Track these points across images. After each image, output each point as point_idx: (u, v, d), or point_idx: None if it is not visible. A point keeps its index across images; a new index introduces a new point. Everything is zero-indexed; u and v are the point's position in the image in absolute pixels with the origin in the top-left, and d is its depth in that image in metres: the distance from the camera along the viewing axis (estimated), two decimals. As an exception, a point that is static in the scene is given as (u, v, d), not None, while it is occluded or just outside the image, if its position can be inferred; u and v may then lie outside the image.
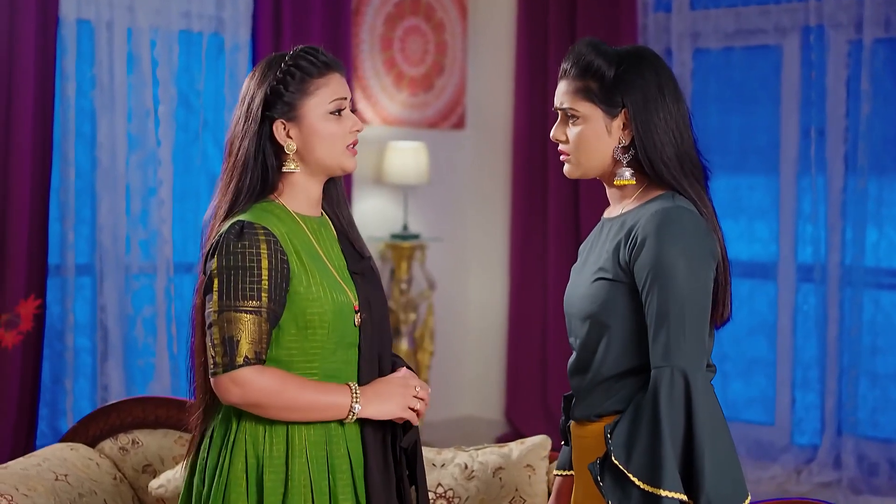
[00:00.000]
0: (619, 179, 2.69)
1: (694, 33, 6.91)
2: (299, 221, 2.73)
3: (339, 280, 2.72)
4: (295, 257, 2.65)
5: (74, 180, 5.87)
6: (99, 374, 6.02)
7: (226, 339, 2.57)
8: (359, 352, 2.74)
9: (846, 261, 6.45)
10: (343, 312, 2.69)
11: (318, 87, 2.70)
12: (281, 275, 2.61)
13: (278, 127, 2.70)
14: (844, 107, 6.45)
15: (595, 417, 2.68)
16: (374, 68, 7.24)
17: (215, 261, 2.61)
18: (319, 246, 2.75)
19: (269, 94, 2.69)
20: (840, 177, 6.47)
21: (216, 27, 6.36)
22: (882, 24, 6.30)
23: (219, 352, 2.58)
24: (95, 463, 3.58)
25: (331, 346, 2.68)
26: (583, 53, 2.69)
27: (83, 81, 5.92)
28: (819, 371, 6.57)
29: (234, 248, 2.59)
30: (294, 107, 2.69)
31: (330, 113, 2.70)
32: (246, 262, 2.58)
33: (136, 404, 3.74)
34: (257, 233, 2.60)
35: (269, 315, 2.59)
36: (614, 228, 2.68)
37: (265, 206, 2.70)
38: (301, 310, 2.64)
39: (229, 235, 2.61)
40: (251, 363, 2.57)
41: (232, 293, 2.58)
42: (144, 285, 6.15)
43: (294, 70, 2.70)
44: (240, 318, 2.57)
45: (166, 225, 6.15)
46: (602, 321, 2.63)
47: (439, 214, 7.63)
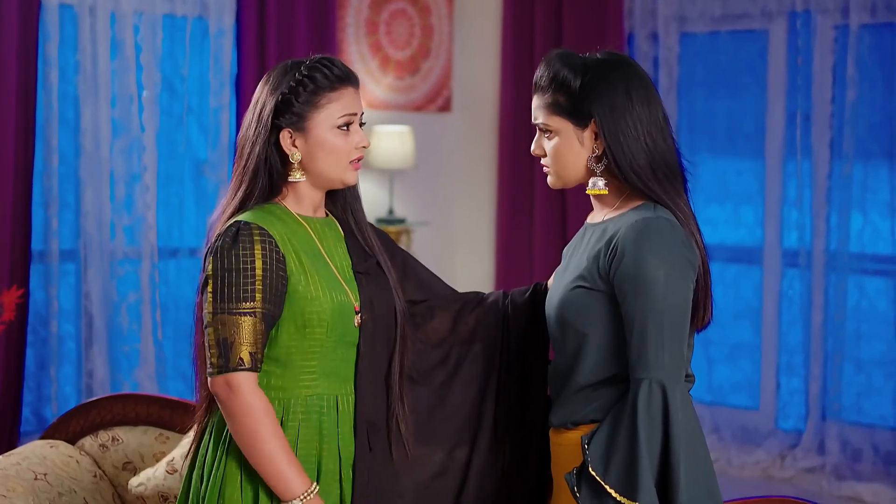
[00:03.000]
0: (592, 189, 2.69)
1: (680, 17, 6.89)
2: (302, 222, 2.75)
3: (341, 280, 2.74)
4: (293, 257, 2.67)
5: (58, 166, 5.84)
6: (84, 360, 6.00)
7: (220, 342, 2.59)
8: (357, 352, 2.75)
9: (831, 246, 6.45)
10: (343, 312, 2.70)
11: (329, 100, 2.70)
12: (276, 275, 2.63)
13: (285, 136, 2.72)
14: (830, 92, 6.44)
15: (571, 425, 2.69)
16: (360, 52, 7.21)
17: (210, 262, 2.63)
18: (322, 246, 2.77)
19: (279, 103, 2.71)
20: (826, 162, 6.46)
21: (200, 11, 6.32)
22: (868, 10, 6.29)
23: (214, 353, 2.60)
24: (75, 460, 3.58)
25: (330, 345, 2.70)
26: (550, 65, 2.69)
27: (66, 67, 5.89)
28: (804, 356, 6.59)
29: (228, 250, 2.61)
30: (303, 118, 2.71)
31: (338, 127, 2.71)
32: (240, 264, 2.60)
33: (117, 401, 3.74)
34: (252, 233, 2.62)
35: (264, 316, 2.60)
36: (595, 235, 2.69)
37: (268, 207, 2.73)
38: (300, 309, 2.65)
39: (225, 237, 2.63)
40: (247, 368, 2.59)
41: (226, 295, 2.59)
42: (129, 271, 6.13)
43: (307, 81, 2.70)
44: (234, 319, 2.58)
45: (151, 210, 6.13)
46: (579, 329, 2.63)
47: (425, 198, 7.62)
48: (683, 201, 2.68)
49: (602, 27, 6.98)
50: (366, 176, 7.26)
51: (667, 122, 2.70)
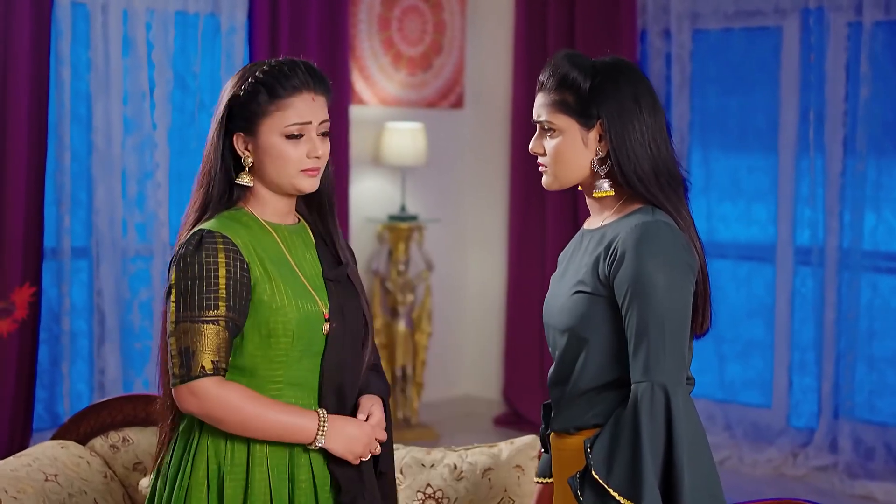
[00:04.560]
0: (598, 191, 2.68)
1: (693, 14, 6.87)
2: (269, 229, 2.70)
3: (309, 288, 2.69)
4: (258, 265, 2.63)
5: (70, 164, 5.86)
6: (96, 357, 6.03)
7: (182, 350, 2.54)
8: (322, 360, 2.70)
9: (844, 244, 6.44)
10: (310, 321, 2.66)
11: (278, 107, 2.64)
12: (240, 283, 2.59)
13: (238, 139, 2.67)
14: (844, 89, 6.43)
15: (574, 430, 2.68)
16: (372, 48, 7.21)
17: (174, 271, 2.59)
18: (290, 253, 2.71)
19: (233, 105, 2.66)
20: (839, 160, 6.45)
21: (212, 9, 6.33)
22: (882, 7, 6.27)
23: (176, 363, 2.56)
24: (86, 461, 3.58)
25: (296, 355, 2.66)
26: (559, 66, 2.68)
27: (78, 64, 5.90)
28: (816, 354, 6.57)
29: (191, 259, 2.57)
30: (252, 122, 2.65)
31: (286, 136, 2.65)
32: (203, 272, 2.56)
33: (127, 402, 3.74)
34: (216, 241, 2.58)
35: (227, 324, 2.57)
36: (594, 241, 2.68)
37: (232, 213, 2.68)
38: (264, 318, 2.62)
39: (188, 246, 2.59)
40: (208, 374, 2.55)
41: (189, 303, 2.55)
42: (141, 268, 6.15)
43: (258, 86, 2.65)
44: (197, 328, 2.54)
45: (162, 208, 6.14)
46: (581, 335, 2.62)
47: (437, 195, 7.61)
48: (684, 208, 2.68)
49: (615, 24, 6.97)
50: (378, 172, 7.26)
51: (669, 133, 2.71)
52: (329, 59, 6.77)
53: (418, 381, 7.34)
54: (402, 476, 3.47)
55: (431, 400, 7.55)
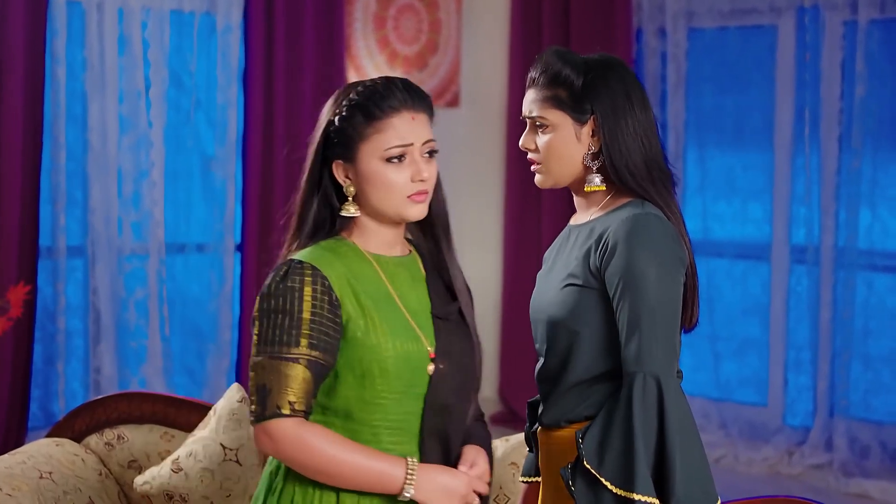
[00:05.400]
0: (590, 186, 2.69)
1: (688, 12, 6.87)
2: (370, 260, 2.53)
3: (413, 325, 2.50)
4: (352, 300, 2.45)
5: (65, 163, 5.85)
6: (91, 356, 6.02)
7: (259, 388, 2.39)
8: (424, 404, 2.50)
9: (839, 243, 6.44)
10: (410, 360, 2.46)
11: (376, 130, 2.47)
12: (327, 319, 2.41)
13: (338, 168, 2.52)
14: (839, 88, 6.43)
15: (565, 423, 2.69)
16: (368, 47, 7.21)
17: (258, 302, 2.44)
18: (393, 287, 2.53)
19: (329, 132, 2.51)
20: (834, 158, 6.45)
21: (208, 7, 6.32)
22: (877, 5, 6.26)
23: (253, 400, 2.41)
24: (81, 459, 3.58)
25: (394, 397, 2.47)
26: (551, 63, 2.71)
27: (74, 63, 5.90)
28: (811, 353, 6.57)
29: (275, 290, 2.41)
30: (350, 149, 2.49)
31: (387, 160, 2.48)
32: (286, 305, 2.39)
33: (122, 399, 3.74)
34: (303, 273, 2.41)
35: (309, 363, 2.39)
36: (582, 235, 2.69)
37: (329, 244, 2.52)
38: (357, 357, 2.44)
39: (275, 276, 2.43)
40: (284, 415, 2.37)
41: (269, 338, 2.39)
42: (136, 267, 6.14)
43: (353, 109, 2.49)
44: (275, 365, 2.38)
45: (158, 207, 6.14)
46: (572, 328, 2.63)
47: (433, 193, 7.59)
48: (673, 202, 2.71)
49: (610, 22, 6.97)
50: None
51: (658, 130, 2.74)
52: (324, 58, 6.77)
53: (414, 380, 7.32)
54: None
55: (427, 399, 7.54)
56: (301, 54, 6.65)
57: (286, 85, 6.59)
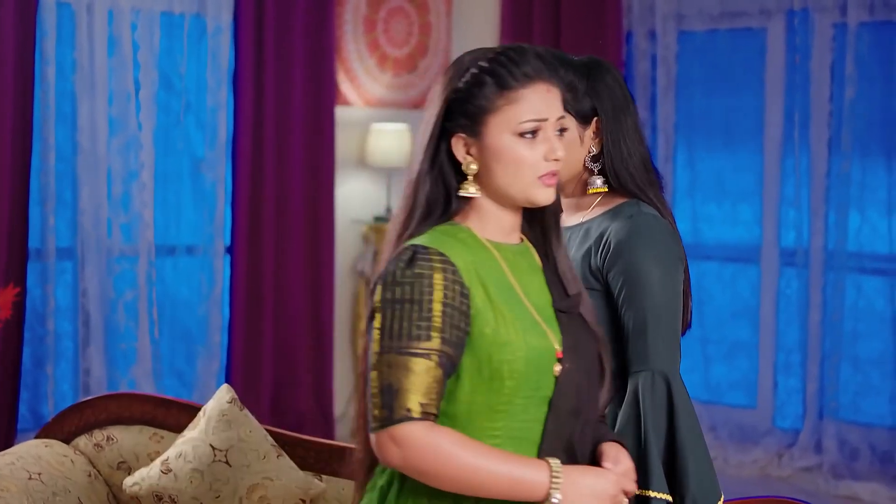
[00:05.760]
0: (592, 188, 2.72)
1: (678, 15, 6.88)
2: (490, 249, 2.27)
3: (539, 320, 2.25)
4: (481, 291, 2.19)
5: (55, 164, 5.84)
6: (80, 358, 6.01)
7: (385, 388, 2.12)
8: (549, 408, 2.23)
9: (829, 245, 6.45)
10: (540, 360, 2.21)
11: (509, 101, 2.21)
12: (459, 312, 2.16)
13: (458, 142, 2.25)
14: (829, 90, 6.44)
15: None
16: (358, 50, 7.20)
17: (379, 291, 2.17)
18: (515, 278, 2.28)
19: (451, 102, 2.24)
20: (824, 161, 6.46)
21: (198, 9, 6.32)
22: (867, 8, 6.28)
23: (377, 403, 2.13)
24: (70, 460, 3.57)
25: (520, 402, 2.20)
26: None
27: (64, 64, 5.89)
28: (801, 355, 6.58)
29: (402, 278, 2.15)
30: (477, 121, 2.23)
31: (520, 134, 2.22)
32: (415, 295, 2.13)
33: (111, 400, 3.72)
34: (431, 259, 2.15)
35: (441, 360, 2.13)
36: (578, 236, 2.70)
37: (447, 229, 2.25)
38: (487, 356, 2.17)
39: (398, 262, 2.16)
40: (415, 418, 2.11)
41: (396, 332, 2.13)
42: (126, 269, 6.13)
43: (484, 76, 2.23)
44: (404, 362, 2.11)
45: (148, 208, 6.13)
46: None
47: (423, 196, 7.59)
48: (664, 203, 2.72)
49: (600, 25, 6.97)
50: (363, 174, 7.26)
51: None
52: (314, 60, 6.77)
53: (404, 383, 7.32)
54: (387, 474, 3.47)
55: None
56: (291, 57, 6.64)
57: (276, 87, 6.59)
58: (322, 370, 6.92)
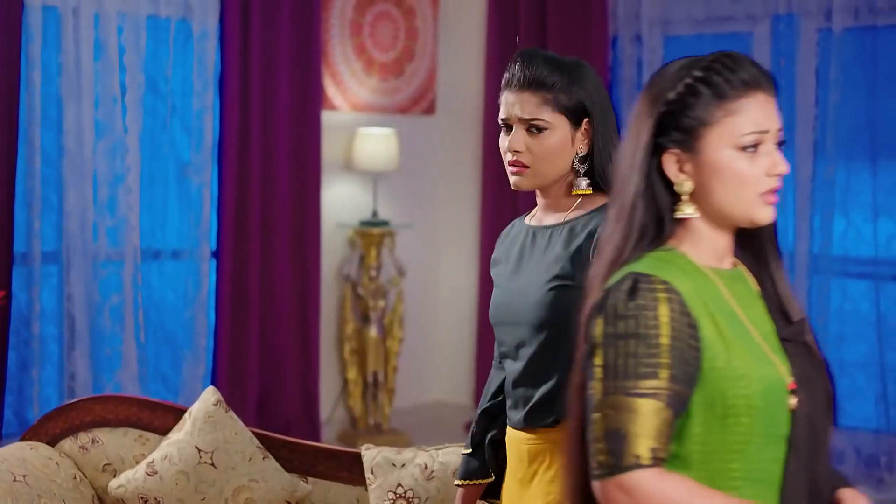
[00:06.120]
0: (578, 189, 2.71)
1: (664, 20, 6.89)
2: (709, 275, 2.10)
3: (767, 350, 2.07)
4: (708, 321, 2.02)
5: (41, 167, 5.83)
6: (66, 362, 6.00)
7: (611, 433, 1.94)
8: (788, 446, 2.05)
9: (814, 249, 6.46)
10: (773, 393, 2.04)
11: (728, 112, 2.05)
12: (688, 345, 1.98)
13: (669, 160, 2.08)
14: (814, 95, 6.45)
15: (553, 422, 2.67)
16: (344, 54, 7.21)
17: (600, 324, 2.00)
18: (738, 306, 2.10)
19: (662, 116, 2.07)
20: (809, 165, 6.47)
21: (184, 13, 6.32)
22: (852, 13, 6.29)
23: (601, 449, 1.95)
24: (55, 462, 3.57)
25: (758, 440, 2.02)
26: (542, 63, 2.70)
27: (49, 68, 5.88)
28: (787, 359, 6.58)
29: (625, 310, 1.98)
30: (692, 135, 2.07)
31: (741, 148, 2.06)
32: (640, 329, 1.96)
33: (96, 403, 3.72)
34: (655, 289, 1.99)
35: (670, 400, 1.95)
36: (562, 235, 2.69)
37: (663, 255, 2.08)
38: (720, 391, 2.00)
39: (618, 293, 2.00)
40: (645, 465, 1.93)
41: (621, 370, 1.96)
42: (111, 273, 6.12)
43: (699, 86, 2.06)
44: (630, 404, 1.94)
45: (133, 212, 6.12)
46: (562, 328, 2.60)
47: (409, 201, 7.61)
48: None
49: (586, 30, 6.98)
50: (349, 178, 7.26)
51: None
52: (301, 65, 6.77)
53: (390, 387, 7.33)
54: (373, 476, 3.47)
55: (403, 406, 7.54)
56: (277, 60, 6.65)
57: (262, 91, 6.59)
58: (308, 374, 6.92)
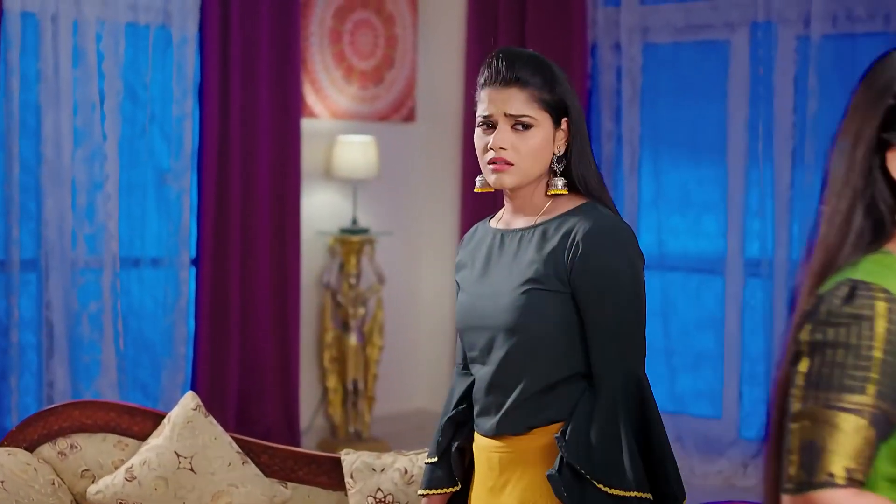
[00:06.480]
0: (554, 189, 2.69)
1: (643, 28, 6.91)
2: None
3: None
4: None
5: (19, 175, 5.81)
6: (44, 370, 5.98)
7: (806, 446, 1.79)
8: None
9: (793, 256, 6.48)
10: None
11: None
12: None
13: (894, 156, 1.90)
14: (792, 102, 6.47)
15: (525, 429, 2.64)
16: (324, 62, 7.21)
17: (808, 330, 1.84)
18: None
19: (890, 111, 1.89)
20: (787, 172, 6.49)
21: (163, 20, 6.31)
22: (830, 21, 6.32)
23: (794, 461, 1.80)
24: (33, 468, 3.55)
25: None
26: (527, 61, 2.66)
27: (28, 75, 5.87)
28: (766, 365, 6.60)
29: (838, 317, 1.81)
30: None
31: None
32: (852, 339, 1.79)
33: (75, 408, 3.71)
34: (875, 297, 1.81)
35: (875, 418, 1.78)
36: (534, 238, 2.67)
37: (881, 259, 1.88)
38: None
39: (833, 299, 1.82)
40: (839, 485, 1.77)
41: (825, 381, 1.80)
42: (90, 281, 6.10)
43: None
44: (832, 417, 1.78)
45: (112, 219, 6.11)
46: (536, 332, 2.60)
47: (389, 208, 7.62)
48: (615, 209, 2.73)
49: (566, 37, 6.99)
50: (329, 185, 7.25)
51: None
52: (280, 72, 6.77)
53: (370, 395, 7.33)
54: (353, 480, 3.47)
55: (384, 414, 7.54)
56: (257, 68, 6.64)
57: (242, 98, 6.58)
58: (288, 382, 6.91)
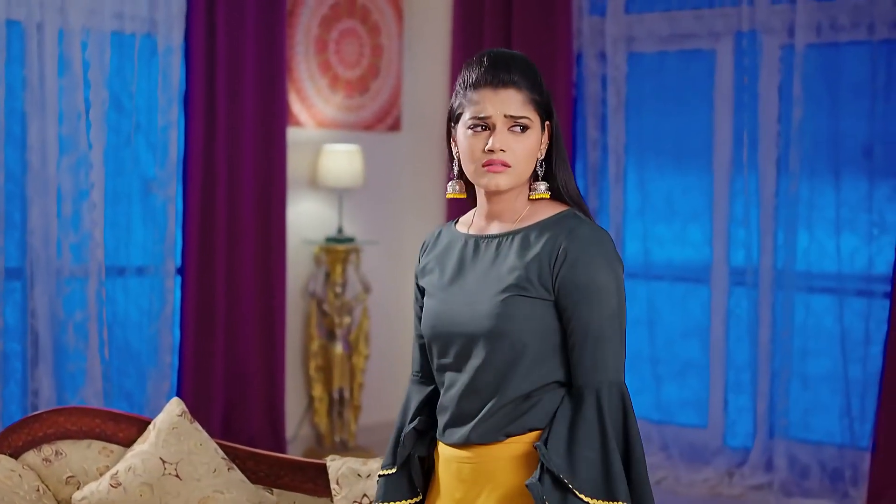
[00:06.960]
0: (536, 193, 2.67)
1: (628, 37, 6.93)
2: None
3: None
4: None
5: (4, 183, 5.80)
6: (29, 379, 5.96)
7: None
8: None
9: (778, 264, 6.50)
10: None
11: None
12: None
13: None
14: (777, 111, 6.50)
15: (503, 437, 2.61)
16: (309, 70, 7.21)
17: None
18: None
19: None
20: (772, 181, 6.51)
21: (149, 28, 6.30)
22: (814, 30, 6.34)
23: None
24: (18, 475, 3.54)
25: None
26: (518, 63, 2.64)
27: (13, 83, 5.86)
28: (751, 374, 6.62)
29: None
30: None
31: None
32: None
33: (60, 415, 3.70)
34: None
35: None
36: (514, 244, 2.64)
37: None
38: None
39: None
40: None
41: None
42: (75, 289, 6.08)
43: None
44: None
45: (98, 228, 6.10)
46: (518, 339, 2.57)
47: (374, 217, 7.62)
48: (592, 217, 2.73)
49: (552, 47, 7.01)
50: (315, 194, 7.25)
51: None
52: (266, 81, 6.77)
53: (356, 404, 7.32)
54: (338, 487, 3.46)
55: (369, 423, 7.53)
56: (242, 77, 6.64)
57: (227, 107, 6.58)
58: (273, 392, 6.90)
